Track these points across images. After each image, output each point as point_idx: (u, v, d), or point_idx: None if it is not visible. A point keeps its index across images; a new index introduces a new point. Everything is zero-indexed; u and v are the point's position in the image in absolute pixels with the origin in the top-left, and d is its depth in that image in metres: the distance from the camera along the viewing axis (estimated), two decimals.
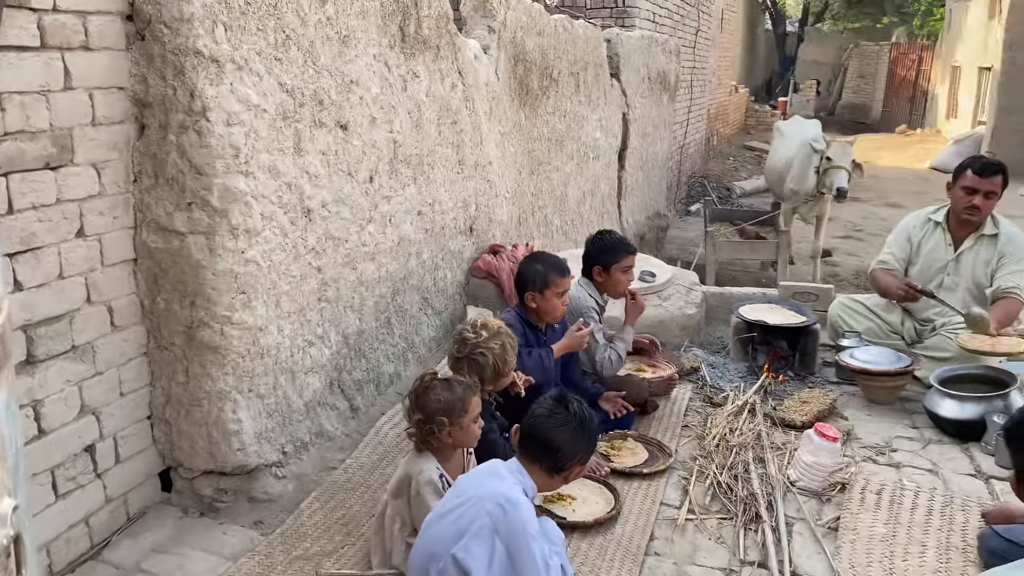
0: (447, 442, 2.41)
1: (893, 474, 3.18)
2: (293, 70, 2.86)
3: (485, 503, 2.01)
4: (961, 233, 4.14)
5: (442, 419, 2.35)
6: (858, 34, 30.34)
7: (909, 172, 16.81)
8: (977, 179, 3.99)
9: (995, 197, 4.03)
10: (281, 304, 2.86)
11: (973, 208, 4.02)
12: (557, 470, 2.13)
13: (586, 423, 2.16)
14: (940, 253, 4.18)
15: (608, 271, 3.49)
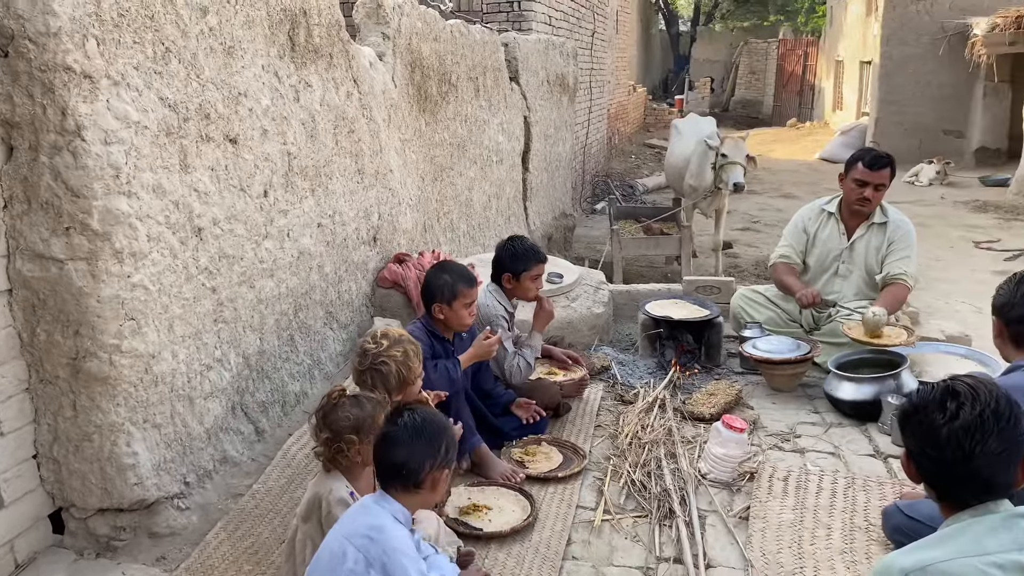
0: (356, 460, 2.34)
1: (798, 460, 3.28)
2: (175, 84, 2.73)
3: (354, 540, 1.95)
4: (853, 222, 4.32)
5: (351, 437, 2.28)
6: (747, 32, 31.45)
7: (801, 164, 17.49)
8: (867, 172, 4.17)
9: (884, 188, 4.22)
10: (174, 328, 2.73)
11: (864, 200, 4.20)
12: (415, 485, 2.03)
13: (421, 431, 2.05)
14: (834, 242, 4.35)
15: (518, 278, 3.47)
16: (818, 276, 4.40)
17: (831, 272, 4.36)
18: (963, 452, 1.58)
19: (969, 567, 1.50)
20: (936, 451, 1.61)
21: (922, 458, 1.67)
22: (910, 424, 1.68)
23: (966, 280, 8.58)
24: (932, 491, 1.67)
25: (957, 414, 1.59)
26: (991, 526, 1.56)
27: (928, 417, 1.63)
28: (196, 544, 2.68)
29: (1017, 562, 1.49)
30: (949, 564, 1.51)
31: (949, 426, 1.59)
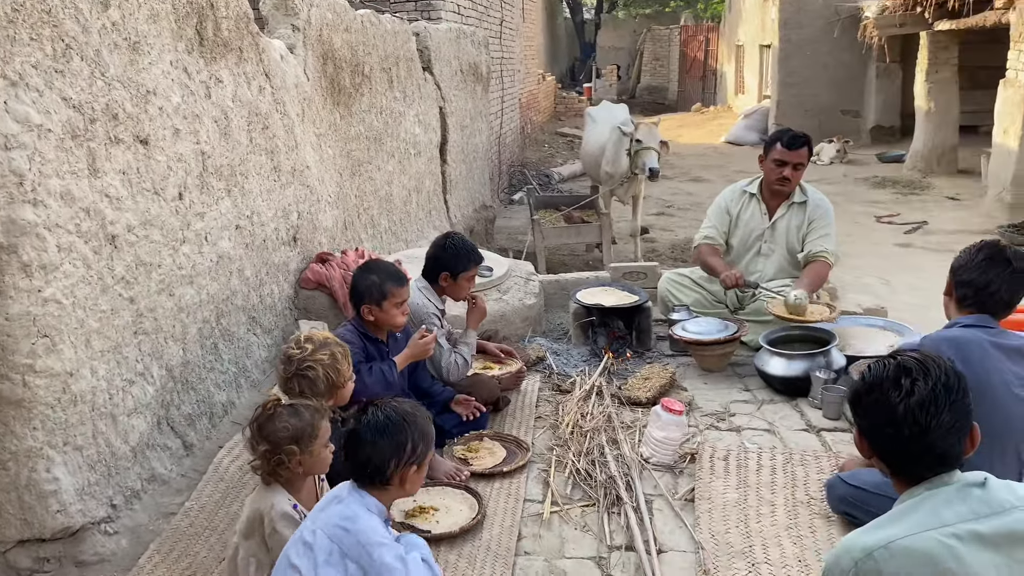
0: (297, 471, 2.25)
1: (735, 438, 3.34)
2: (79, 83, 2.56)
3: (327, 530, 1.91)
4: (774, 202, 4.42)
5: (291, 448, 2.19)
6: (650, 19, 31.93)
7: (708, 147, 17.90)
8: (786, 152, 4.26)
9: (802, 168, 4.32)
10: (92, 343, 2.57)
11: (783, 179, 4.29)
12: (383, 482, 2.01)
13: (384, 430, 2.01)
14: (756, 222, 4.44)
15: (455, 278, 3.41)
16: (741, 256, 4.48)
17: (754, 252, 4.46)
18: (920, 427, 1.60)
19: (929, 540, 1.52)
20: (893, 428, 1.62)
21: (877, 435, 1.68)
22: (864, 402, 1.69)
23: (871, 254, 8.95)
24: (886, 467, 1.69)
25: (912, 390, 1.61)
26: (947, 498, 1.58)
27: (884, 395, 1.64)
28: (128, 570, 2.53)
29: (974, 531, 1.52)
30: (910, 539, 1.53)
31: (905, 403, 1.61)
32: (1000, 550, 1.51)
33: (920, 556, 1.50)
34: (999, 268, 2.58)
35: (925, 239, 9.65)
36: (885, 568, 1.51)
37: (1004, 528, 1.53)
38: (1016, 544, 1.52)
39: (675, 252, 9.02)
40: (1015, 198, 9.85)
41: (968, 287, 2.62)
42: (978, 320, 2.59)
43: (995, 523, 1.53)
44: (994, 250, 2.63)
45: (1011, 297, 2.61)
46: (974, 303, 2.62)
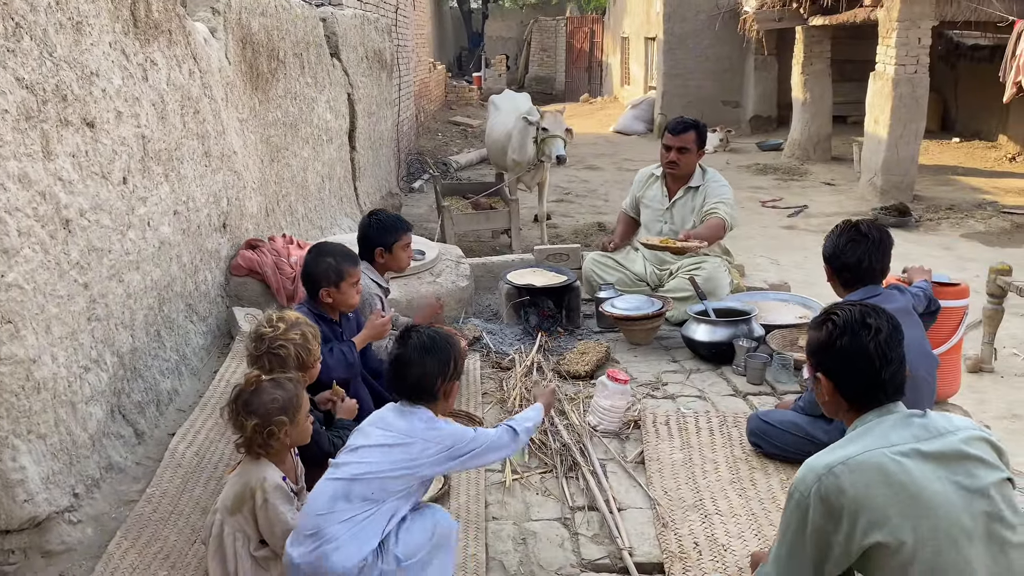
0: (286, 442, 2.30)
1: (671, 405, 3.56)
2: (30, 63, 2.49)
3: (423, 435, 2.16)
4: (675, 185, 4.74)
5: (282, 419, 2.23)
6: (536, 9, 32.35)
7: (599, 137, 18.38)
8: (670, 137, 4.63)
9: (688, 152, 4.63)
10: (52, 329, 2.52)
11: (671, 163, 4.62)
12: (432, 398, 2.25)
13: (431, 349, 2.23)
14: (658, 203, 4.79)
15: (390, 250, 3.48)
16: (648, 231, 4.81)
17: (656, 230, 4.76)
18: (887, 359, 1.87)
19: (881, 456, 1.76)
20: (866, 362, 1.87)
21: (849, 373, 1.90)
22: (839, 344, 1.91)
23: (760, 236, 9.52)
24: (848, 404, 1.93)
25: (880, 328, 1.89)
26: (893, 424, 1.84)
27: (856, 335, 1.89)
28: (95, 558, 2.50)
29: (917, 449, 1.78)
30: (864, 455, 1.77)
31: (875, 340, 1.87)
32: (939, 464, 1.76)
33: (873, 468, 1.75)
34: (863, 244, 2.96)
35: (807, 221, 10.32)
36: (844, 480, 1.75)
37: (942, 448, 1.79)
38: (951, 460, 1.77)
39: (578, 237, 9.29)
40: (885, 182, 10.66)
41: (846, 270, 2.99)
42: (866, 292, 2.95)
43: (934, 444, 1.79)
44: (852, 231, 3.01)
45: (883, 263, 3.02)
46: (856, 280, 2.98)
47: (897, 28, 10.16)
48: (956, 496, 1.73)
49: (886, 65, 10.53)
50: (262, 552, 2.26)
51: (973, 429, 1.85)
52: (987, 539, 1.72)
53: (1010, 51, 9.38)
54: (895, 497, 1.71)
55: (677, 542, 2.58)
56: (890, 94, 10.37)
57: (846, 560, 1.76)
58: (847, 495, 1.73)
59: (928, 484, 1.73)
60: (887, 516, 1.70)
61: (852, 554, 1.75)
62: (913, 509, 1.70)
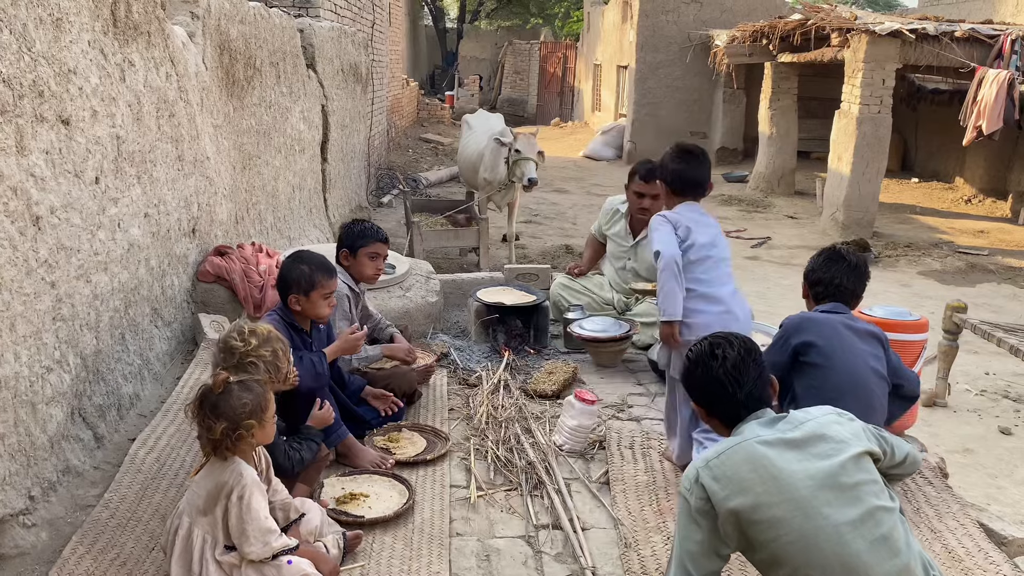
0: (251, 444, 2.28)
1: (636, 427, 3.59)
2: (8, 57, 2.46)
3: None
4: (638, 225, 4.74)
5: (250, 422, 2.21)
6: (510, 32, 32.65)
7: (568, 161, 18.53)
8: (642, 184, 4.58)
9: (659, 198, 4.65)
10: (16, 327, 2.47)
11: (643, 210, 4.62)
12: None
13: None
14: (622, 239, 4.83)
15: (354, 254, 3.47)
16: (613, 264, 4.85)
17: (621, 265, 4.82)
18: (738, 382, 2.12)
19: (749, 446, 2.03)
20: (719, 387, 2.14)
21: (708, 397, 2.19)
22: (695, 375, 2.21)
23: None
24: (720, 422, 2.19)
25: (726, 356, 2.14)
26: (760, 423, 2.11)
27: (706, 366, 2.16)
28: (50, 563, 2.44)
29: (781, 438, 2.04)
30: (735, 447, 2.05)
31: (723, 367, 2.13)
32: (800, 448, 2.03)
33: (742, 456, 2.02)
34: (839, 265, 3.11)
35: (770, 253, 10.51)
36: (718, 470, 2.02)
37: (802, 433, 2.06)
38: (810, 442, 2.04)
39: (546, 259, 9.35)
40: (847, 218, 10.91)
41: (819, 284, 3.13)
42: (832, 307, 3.07)
43: (795, 432, 2.06)
44: (833, 252, 3.19)
45: (855, 287, 3.13)
46: (826, 295, 3.11)
47: (863, 69, 10.44)
48: (814, 470, 1.97)
49: (851, 104, 10.81)
50: (227, 557, 2.23)
51: (829, 415, 2.12)
52: (849, 504, 1.95)
53: (971, 96, 9.70)
54: (759, 474, 1.98)
55: (640, 563, 2.59)
56: (854, 132, 10.63)
57: (729, 537, 2.01)
58: (719, 482, 2.00)
59: (787, 464, 1.98)
60: (751, 487, 1.97)
61: (729, 530, 2.00)
62: (775, 484, 1.96)
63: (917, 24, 10.31)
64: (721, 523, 2.00)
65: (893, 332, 3.42)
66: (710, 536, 2.03)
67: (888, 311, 3.82)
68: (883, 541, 1.94)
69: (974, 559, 2.72)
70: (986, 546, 2.79)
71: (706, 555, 2.04)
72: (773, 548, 1.96)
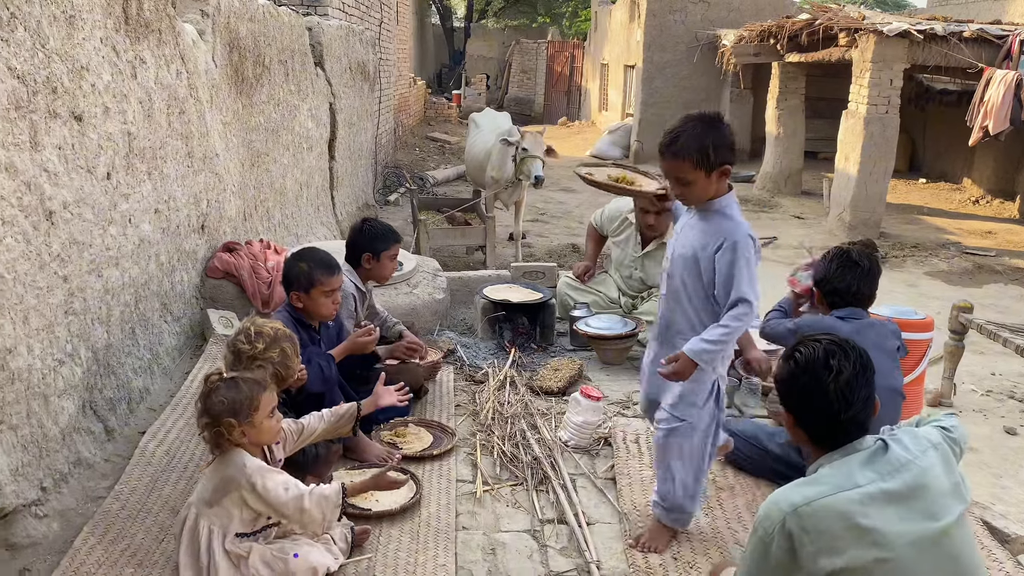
0: (243, 442, 2.30)
1: (642, 423, 3.61)
2: (23, 54, 2.49)
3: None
4: (648, 236, 4.76)
5: (229, 420, 2.23)
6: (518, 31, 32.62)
7: (575, 160, 18.51)
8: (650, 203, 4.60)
9: (667, 211, 4.66)
10: (30, 320, 2.50)
11: (650, 227, 4.67)
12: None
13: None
14: (631, 248, 4.84)
15: (378, 258, 3.50)
16: (620, 269, 4.85)
17: (628, 274, 4.83)
18: (847, 402, 1.86)
19: (846, 500, 1.77)
20: (825, 403, 1.87)
21: (808, 411, 1.92)
22: (799, 383, 1.92)
23: None
24: (808, 438, 1.94)
25: (841, 370, 1.86)
26: (860, 462, 1.84)
27: (816, 377, 1.88)
28: (62, 553, 2.48)
29: (882, 488, 1.79)
30: (829, 499, 1.78)
31: (836, 382, 1.86)
32: (901, 502, 1.78)
33: (836, 512, 1.76)
34: (853, 271, 3.05)
35: (776, 253, 10.49)
36: (807, 521, 1.77)
37: (903, 484, 1.80)
38: (912, 497, 1.80)
39: (552, 257, 9.36)
40: (854, 218, 10.89)
41: (834, 295, 3.08)
42: (849, 313, 3.04)
43: (897, 480, 1.80)
44: (844, 257, 3.10)
45: (870, 291, 3.11)
46: (843, 303, 3.06)
47: (871, 69, 10.43)
48: (917, 535, 1.76)
49: (858, 104, 10.79)
50: (235, 547, 2.26)
51: (928, 451, 1.88)
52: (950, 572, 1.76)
53: (978, 96, 9.67)
54: (855, 535, 1.75)
55: (644, 557, 2.61)
56: (861, 132, 10.62)
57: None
58: (809, 535, 1.76)
59: (889, 526, 1.76)
60: (846, 548, 1.74)
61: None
62: (875, 549, 1.74)
63: (925, 24, 10.29)
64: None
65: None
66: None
67: (894, 310, 3.84)
68: None
69: None
70: (989, 543, 2.80)
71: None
72: None
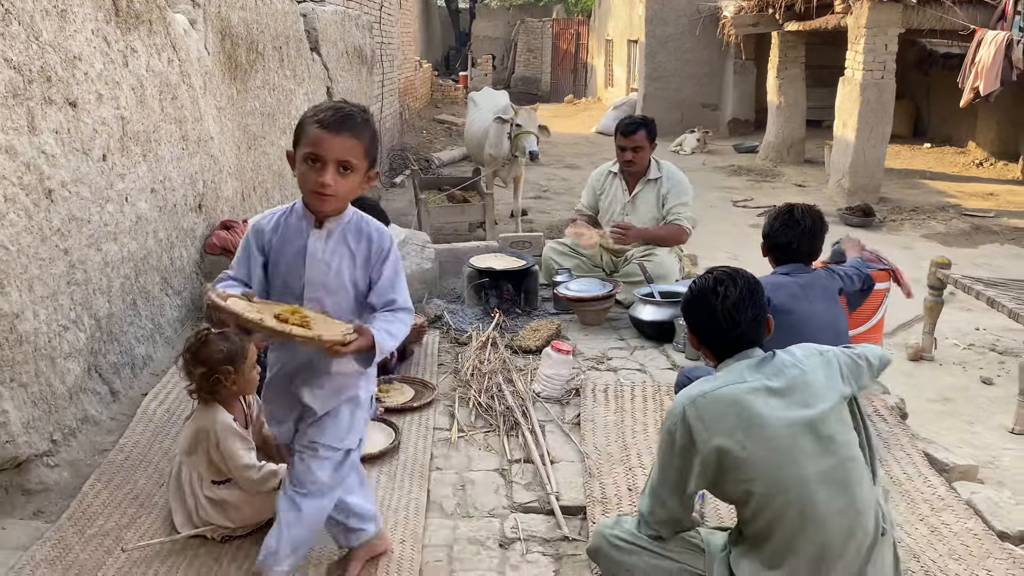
0: (232, 390, 2.55)
1: (612, 376, 3.84)
2: (17, 45, 2.74)
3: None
4: (632, 180, 5.00)
5: (227, 368, 2.49)
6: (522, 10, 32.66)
7: (580, 137, 18.67)
8: (623, 138, 4.90)
9: (643, 150, 4.91)
10: (34, 289, 2.76)
11: (628, 162, 4.91)
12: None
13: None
14: (618, 197, 5.05)
15: None
16: (609, 222, 5.06)
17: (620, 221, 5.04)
18: (733, 321, 2.14)
19: (735, 390, 2.08)
20: (714, 324, 2.17)
21: (703, 331, 2.23)
22: (693, 308, 2.24)
23: (727, 234, 9.80)
24: (710, 353, 2.25)
25: (727, 295, 2.15)
26: (749, 366, 2.14)
27: (706, 301, 2.18)
28: (72, 497, 2.75)
29: (766, 386, 2.09)
30: (722, 390, 2.09)
31: (723, 304, 2.15)
32: (783, 396, 2.08)
33: (727, 401, 2.07)
34: (794, 229, 3.31)
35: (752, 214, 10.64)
36: (702, 410, 2.07)
37: (785, 382, 2.10)
38: (793, 391, 2.09)
39: (552, 232, 9.56)
40: (852, 184, 10.99)
41: (776, 249, 3.37)
42: (791, 268, 3.31)
43: (780, 380, 2.10)
44: (787, 216, 3.35)
45: (811, 248, 3.38)
46: (784, 258, 3.27)
47: (865, 34, 10.49)
48: (794, 419, 2.04)
49: (854, 70, 10.86)
50: (213, 492, 2.52)
51: (813, 357, 2.17)
52: (821, 455, 2.03)
53: (970, 58, 9.73)
54: (742, 419, 2.04)
55: (601, 490, 2.85)
56: (858, 98, 10.69)
57: (703, 475, 2.07)
58: (704, 421, 2.05)
59: (770, 412, 2.04)
60: (734, 431, 2.03)
61: (707, 466, 2.05)
62: (757, 432, 2.02)
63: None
64: (702, 460, 2.05)
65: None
66: (685, 470, 2.09)
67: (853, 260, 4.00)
68: (845, 494, 2.03)
69: (913, 483, 2.95)
70: (927, 472, 3.01)
71: (679, 486, 2.12)
72: (744, 488, 2.04)
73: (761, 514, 2.04)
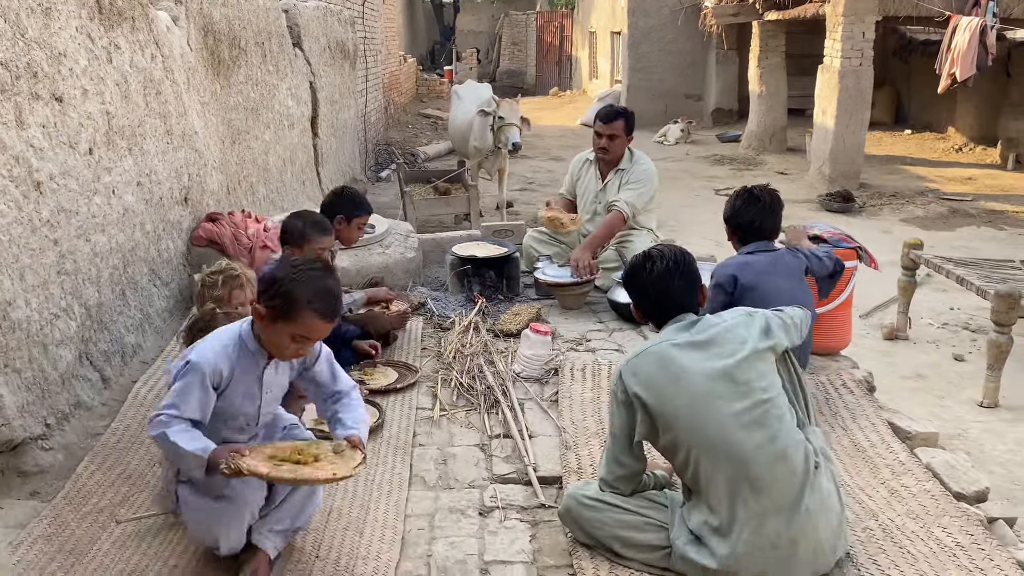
0: None
1: (591, 357, 3.95)
2: (4, 43, 2.83)
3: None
4: (606, 169, 5.09)
5: None
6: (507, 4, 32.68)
7: (566, 129, 18.77)
8: (601, 125, 4.96)
9: (618, 138, 4.98)
10: (25, 277, 2.86)
11: (602, 149, 4.98)
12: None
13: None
14: (592, 185, 5.16)
15: (349, 222, 3.79)
16: (585, 213, 5.17)
17: (591, 212, 5.15)
18: (663, 291, 2.45)
19: (662, 346, 2.40)
20: (646, 294, 2.49)
21: (640, 301, 2.54)
22: (629, 284, 2.57)
23: (710, 222, 9.89)
24: (652, 322, 2.55)
25: (654, 269, 2.45)
26: (676, 327, 2.44)
27: (638, 275, 2.50)
28: (66, 478, 2.85)
29: (689, 340, 2.39)
30: (651, 348, 2.42)
31: (650, 277, 2.45)
32: (704, 349, 2.37)
33: (654, 356, 2.38)
34: (755, 207, 3.44)
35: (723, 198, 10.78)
36: (635, 368, 2.38)
37: (708, 336, 2.39)
38: (714, 343, 2.38)
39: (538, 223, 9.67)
40: (833, 171, 11.14)
41: (740, 229, 3.49)
42: (757, 247, 3.44)
43: (703, 335, 2.40)
44: (746, 195, 3.49)
45: (772, 225, 3.50)
46: (748, 237, 3.42)
47: (843, 22, 10.63)
48: (711, 368, 2.32)
49: (833, 58, 11.00)
50: None
51: (739, 316, 2.45)
52: (737, 398, 2.29)
53: (945, 44, 9.88)
54: (666, 372, 2.34)
55: (576, 461, 2.97)
56: (836, 86, 10.84)
57: (644, 424, 2.36)
58: (636, 376, 2.37)
59: (691, 364, 2.33)
60: (658, 383, 2.34)
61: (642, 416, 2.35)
62: (677, 381, 2.32)
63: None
64: (639, 410, 2.34)
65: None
66: (629, 424, 2.39)
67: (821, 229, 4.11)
68: (763, 430, 2.28)
69: (876, 449, 3.08)
70: (889, 439, 3.14)
71: (627, 440, 2.41)
72: (672, 435, 2.32)
73: (690, 460, 2.30)
